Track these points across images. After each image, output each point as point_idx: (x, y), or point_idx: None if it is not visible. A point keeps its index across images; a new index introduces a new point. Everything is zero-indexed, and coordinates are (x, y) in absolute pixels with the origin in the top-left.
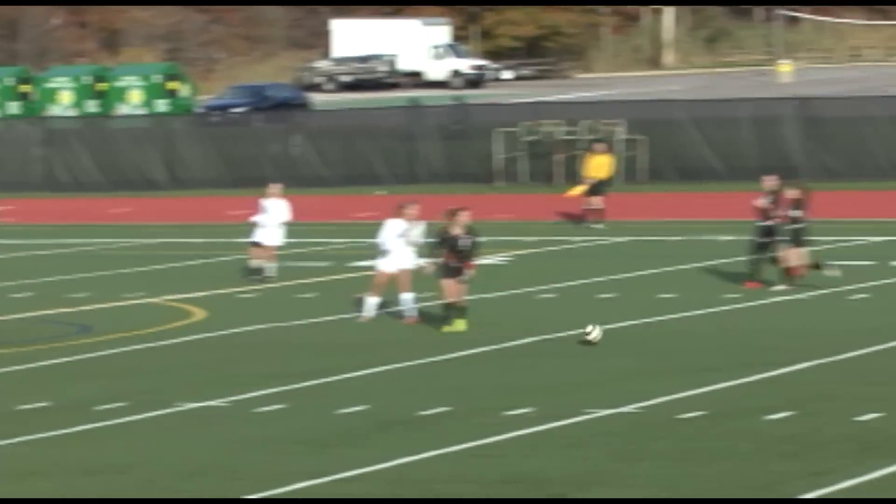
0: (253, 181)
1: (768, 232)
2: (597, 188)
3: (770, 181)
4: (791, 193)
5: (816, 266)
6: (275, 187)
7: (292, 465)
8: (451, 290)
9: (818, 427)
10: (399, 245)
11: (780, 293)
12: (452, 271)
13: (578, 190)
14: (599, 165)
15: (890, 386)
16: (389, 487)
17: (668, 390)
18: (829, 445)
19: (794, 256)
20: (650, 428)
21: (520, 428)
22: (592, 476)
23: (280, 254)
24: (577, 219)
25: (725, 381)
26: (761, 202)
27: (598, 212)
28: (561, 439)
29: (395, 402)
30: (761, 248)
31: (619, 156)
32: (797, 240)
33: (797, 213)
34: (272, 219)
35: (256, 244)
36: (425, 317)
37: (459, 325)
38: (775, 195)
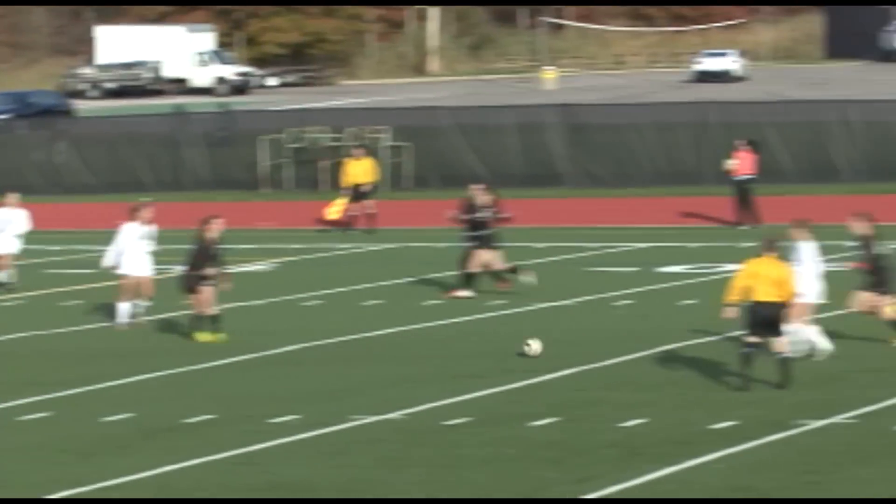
0: (17, 189)
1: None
2: (362, 193)
3: (477, 189)
4: (484, 200)
5: (513, 270)
6: (12, 196)
7: (55, 474)
8: (204, 298)
9: (582, 433)
10: (138, 249)
11: (544, 300)
12: (203, 280)
13: (339, 205)
14: (362, 171)
15: (653, 392)
16: (154, 495)
17: (432, 397)
18: (593, 451)
19: (482, 260)
20: (416, 435)
21: (285, 436)
22: (359, 483)
23: (44, 261)
24: (343, 226)
25: (489, 387)
26: (453, 214)
27: (371, 217)
28: (326, 447)
29: (160, 409)
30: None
31: (385, 163)
32: (488, 244)
33: (486, 217)
34: (9, 228)
35: None
36: (180, 326)
37: (208, 335)
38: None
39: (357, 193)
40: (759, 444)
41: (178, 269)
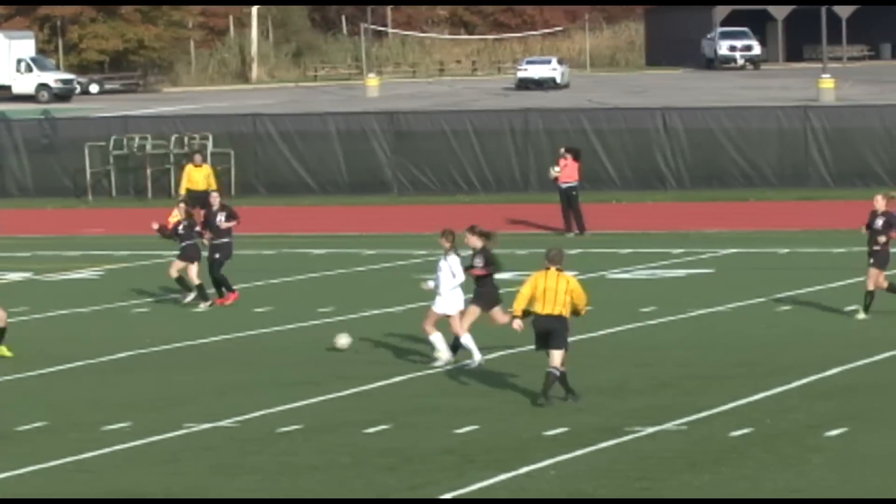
0: None
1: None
2: (204, 200)
3: (213, 198)
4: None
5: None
6: None
7: None
8: None
9: (416, 440)
10: None
11: (375, 307)
12: None
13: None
14: (202, 177)
15: (486, 398)
16: None
17: (264, 404)
18: (428, 458)
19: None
20: (248, 442)
21: (117, 443)
22: (192, 491)
23: None
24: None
25: (321, 394)
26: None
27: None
28: (159, 454)
29: None
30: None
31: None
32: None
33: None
34: None
35: None
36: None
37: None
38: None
39: (196, 200)
40: (591, 450)
41: None
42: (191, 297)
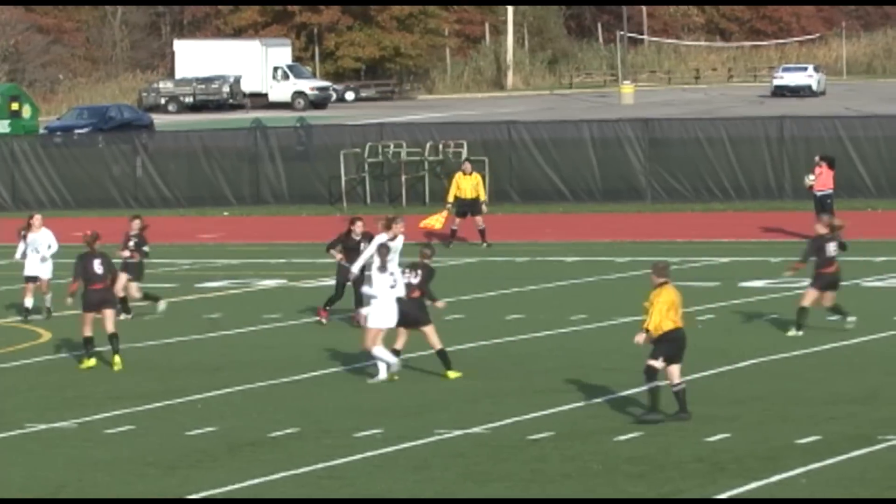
0: (97, 202)
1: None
2: (471, 208)
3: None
4: (135, 226)
5: (147, 297)
6: (37, 219)
7: (141, 487)
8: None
9: (666, 447)
10: None
11: (627, 314)
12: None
13: (437, 219)
14: (471, 186)
15: (737, 407)
16: None
17: (516, 411)
18: (677, 466)
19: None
20: (499, 449)
21: (368, 450)
22: (442, 497)
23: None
24: (446, 239)
25: (573, 402)
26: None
27: (482, 232)
28: (410, 461)
29: (244, 423)
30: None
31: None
32: (135, 274)
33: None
34: (42, 251)
35: (32, 279)
36: (257, 339)
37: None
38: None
39: (463, 208)
40: (843, 459)
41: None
42: None
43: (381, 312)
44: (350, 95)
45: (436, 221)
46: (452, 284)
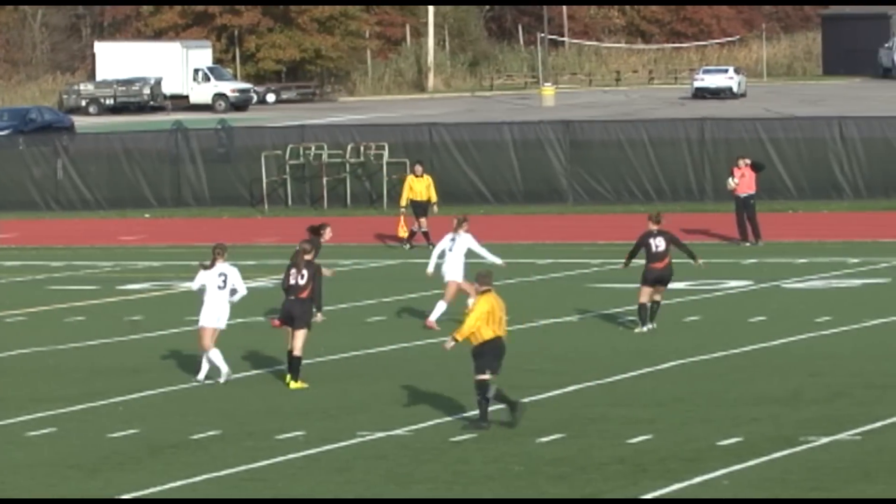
0: (17, 204)
1: None
2: (424, 209)
3: None
4: None
5: None
6: None
7: (63, 490)
8: None
9: (588, 449)
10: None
11: (546, 316)
12: None
13: (401, 227)
14: (423, 187)
15: (658, 408)
16: None
17: (437, 414)
18: (599, 468)
19: None
20: (421, 451)
21: (290, 452)
22: (364, 498)
23: (44, 277)
24: (407, 240)
25: (494, 404)
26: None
27: (426, 234)
28: (332, 462)
29: (166, 425)
30: None
31: (384, 179)
32: None
33: None
34: None
35: None
36: (180, 341)
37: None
38: None
39: (418, 209)
40: (765, 460)
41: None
42: None
43: None
44: (271, 97)
45: (400, 230)
46: (376, 286)
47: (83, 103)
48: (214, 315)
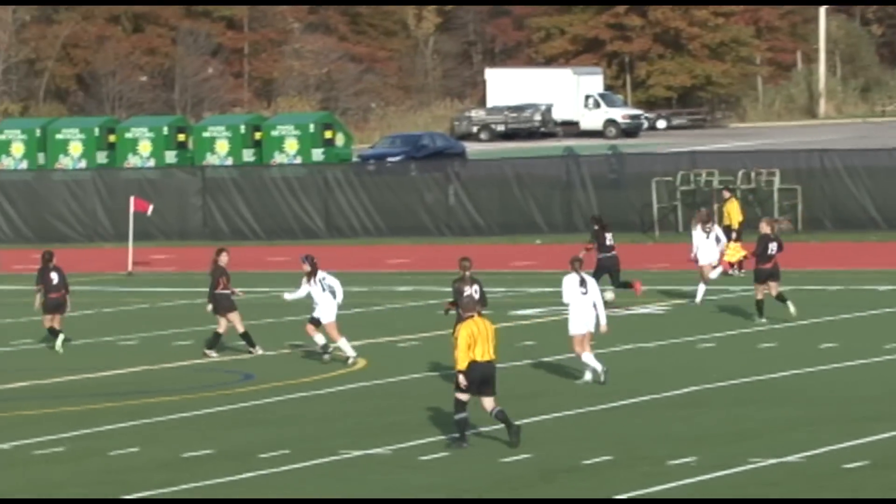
0: (409, 230)
1: None
2: (736, 235)
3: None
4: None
5: None
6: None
7: None
8: None
9: None
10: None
11: None
12: None
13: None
14: (735, 211)
15: None
16: None
17: (831, 440)
18: None
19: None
20: (815, 478)
21: (683, 478)
22: None
23: (441, 303)
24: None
25: (889, 430)
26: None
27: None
28: (725, 489)
29: (559, 450)
30: None
31: (777, 205)
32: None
33: None
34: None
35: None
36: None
37: None
38: None
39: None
40: None
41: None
42: None
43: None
44: (661, 123)
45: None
46: (767, 312)
47: (474, 129)
48: (583, 322)
